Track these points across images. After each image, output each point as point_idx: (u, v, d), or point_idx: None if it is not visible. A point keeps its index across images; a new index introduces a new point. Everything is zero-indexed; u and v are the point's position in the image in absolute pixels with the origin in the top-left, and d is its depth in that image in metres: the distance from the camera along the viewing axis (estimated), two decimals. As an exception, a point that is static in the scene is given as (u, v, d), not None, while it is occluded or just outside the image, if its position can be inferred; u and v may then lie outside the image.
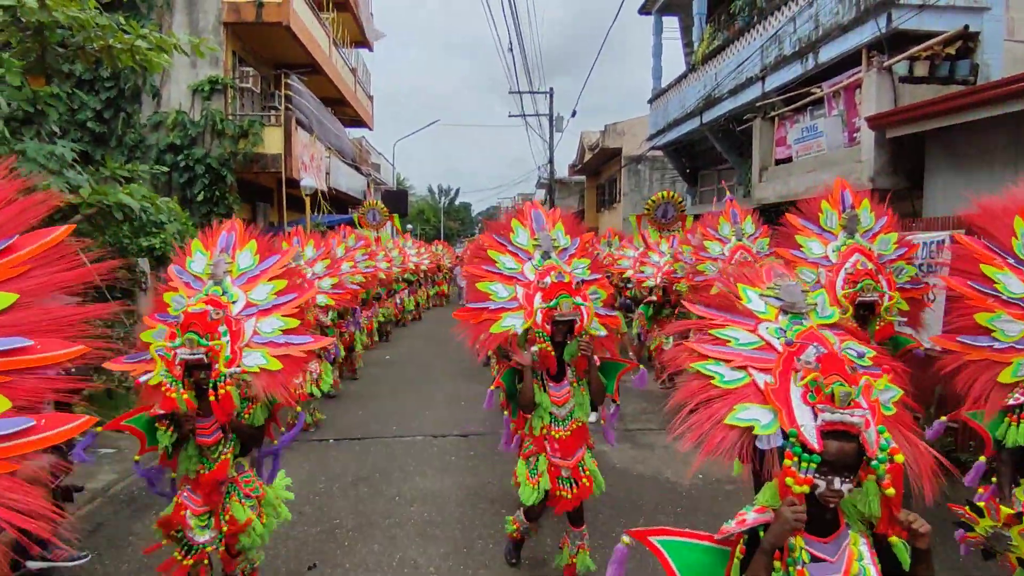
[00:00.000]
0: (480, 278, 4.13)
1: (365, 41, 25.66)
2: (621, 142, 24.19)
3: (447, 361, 11.66)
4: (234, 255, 3.65)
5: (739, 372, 2.11)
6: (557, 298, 3.74)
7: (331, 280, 7.30)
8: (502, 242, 4.21)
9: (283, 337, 3.37)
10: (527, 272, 4.08)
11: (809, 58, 9.18)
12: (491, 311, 3.99)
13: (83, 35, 7.74)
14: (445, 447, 6.88)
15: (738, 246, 6.77)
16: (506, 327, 3.92)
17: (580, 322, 3.82)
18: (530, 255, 4.15)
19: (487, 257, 4.19)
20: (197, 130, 14.26)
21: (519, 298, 4.00)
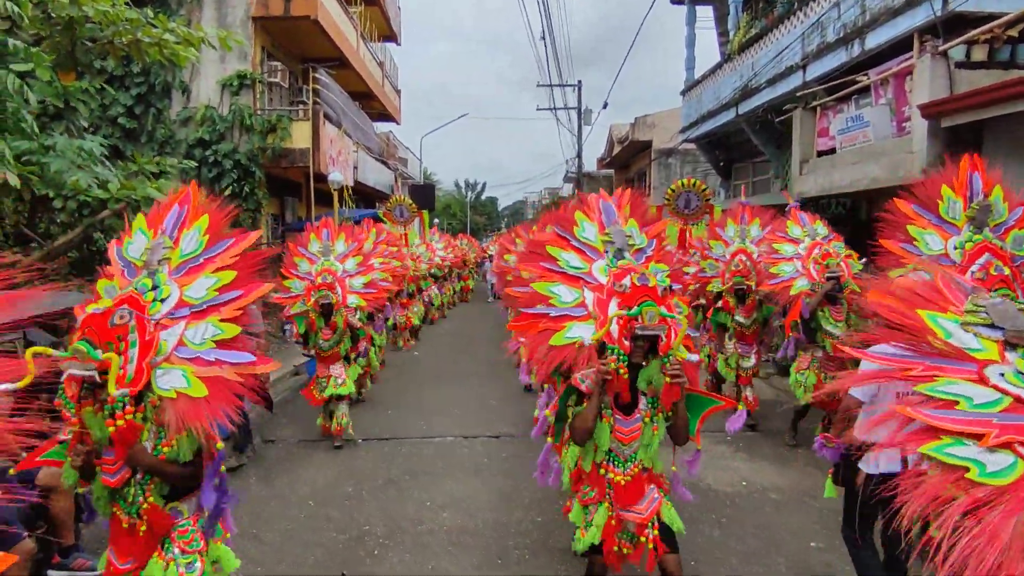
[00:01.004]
0: (537, 278, 3.49)
1: (393, 35, 25.56)
2: (651, 135, 23.78)
3: (475, 358, 11.48)
4: (178, 237, 2.95)
5: (1004, 455, 1.45)
6: (639, 306, 2.96)
7: (363, 279, 7.13)
8: (565, 236, 3.59)
9: (214, 352, 2.63)
10: (596, 273, 3.45)
11: (855, 45, 8.77)
12: (552, 319, 3.32)
13: (112, 30, 7.69)
14: (476, 448, 6.68)
15: (815, 244, 6.31)
16: (572, 339, 3.25)
17: (667, 340, 3.00)
18: (600, 253, 3.55)
19: (544, 253, 3.55)
20: (225, 125, 14.25)
21: (588, 304, 3.35)
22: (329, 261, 6.91)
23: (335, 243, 7.13)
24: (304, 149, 14.61)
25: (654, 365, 3.03)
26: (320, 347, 6.62)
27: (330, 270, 6.79)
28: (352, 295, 6.87)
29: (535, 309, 3.39)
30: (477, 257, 26.97)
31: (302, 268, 6.87)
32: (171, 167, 8.90)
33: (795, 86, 10.51)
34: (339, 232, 7.25)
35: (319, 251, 7.00)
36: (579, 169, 29.87)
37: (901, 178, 7.58)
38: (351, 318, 6.72)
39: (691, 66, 16.43)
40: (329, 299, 6.49)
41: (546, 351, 3.24)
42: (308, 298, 6.57)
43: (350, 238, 7.29)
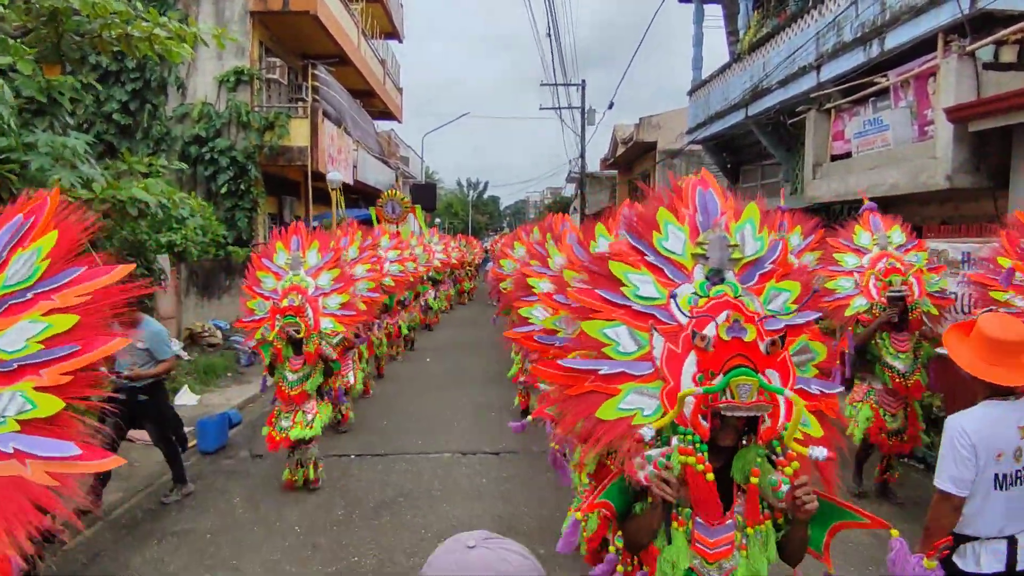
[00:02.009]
0: (589, 313, 2.31)
1: (395, 32, 25.24)
2: (656, 135, 23.44)
3: (474, 365, 11.16)
4: (7, 259, 3.33)
5: None
6: (726, 376, 1.95)
7: (340, 297, 5.81)
8: (639, 247, 2.37)
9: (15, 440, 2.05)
10: (677, 306, 2.25)
11: (873, 44, 8.41)
12: (603, 377, 2.20)
13: (99, 22, 7.36)
14: (475, 466, 6.35)
15: (882, 254, 5.22)
16: (628, 410, 2.16)
17: (772, 421, 2.05)
18: (687, 273, 2.32)
19: (607, 274, 2.33)
20: (222, 122, 13.95)
21: (656, 357, 2.20)
22: (298, 276, 5.63)
23: (306, 254, 5.82)
24: (303, 147, 14.29)
25: (751, 451, 2.07)
26: (286, 382, 5.46)
27: (299, 287, 5.52)
28: (326, 318, 5.64)
29: (581, 363, 2.23)
30: (476, 258, 26.40)
31: (267, 285, 5.65)
32: (163, 167, 8.57)
33: (808, 87, 10.14)
34: (311, 240, 5.93)
35: (287, 264, 5.71)
36: (582, 169, 29.57)
37: (923, 185, 7.25)
38: (325, 348, 5.54)
39: (698, 66, 16.05)
40: (297, 328, 5.30)
41: (592, 425, 2.16)
42: (272, 324, 5.39)
43: (325, 247, 5.93)
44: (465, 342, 13.83)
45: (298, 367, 5.46)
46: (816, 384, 2.31)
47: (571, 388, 2.23)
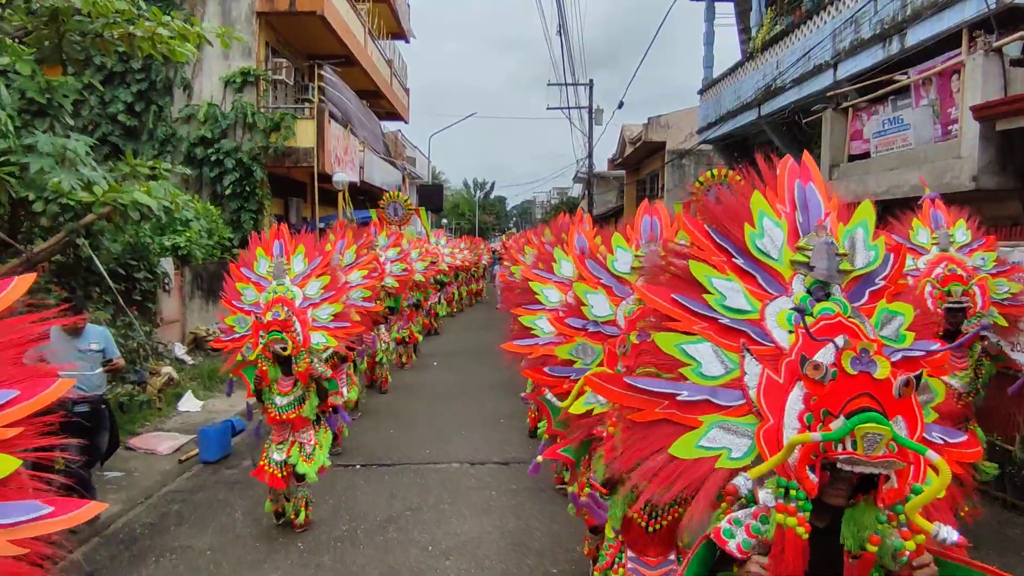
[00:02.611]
0: (661, 322, 1.94)
1: (402, 32, 25.08)
2: (665, 135, 23.17)
3: (482, 370, 10.95)
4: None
5: None
6: (850, 419, 1.57)
7: (332, 307, 5.04)
8: (724, 245, 1.95)
9: None
10: (772, 323, 1.86)
11: (894, 41, 8.17)
12: (681, 404, 1.82)
13: (101, 22, 7.21)
14: (484, 478, 6.15)
15: (941, 257, 4.46)
16: (708, 451, 1.77)
17: (899, 480, 1.63)
18: (784, 283, 1.91)
19: (686, 277, 1.94)
20: (228, 123, 13.80)
21: (749, 384, 1.80)
22: (283, 286, 4.85)
23: (291, 260, 5.06)
24: (309, 148, 14.14)
25: (868, 512, 1.67)
26: (276, 407, 4.74)
27: (284, 299, 4.75)
28: (317, 332, 4.87)
29: (654, 384, 1.84)
30: (480, 258, 25.75)
31: (247, 298, 4.94)
32: (166, 170, 8.42)
33: (824, 86, 9.91)
34: (296, 244, 5.15)
35: (269, 272, 4.96)
36: (590, 169, 29.36)
37: (947, 186, 7.00)
38: (316, 365, 4.82)
39: (709, 64, 15.82)
40: (284, 345, 4.56)
41: (662, 463, 1.76)
42: (255, 342, 4.67)
43: (311, 252, 5.15)
44: (472, 347, 13.63)
45: (288, 388, 4.74)
46: (938, 431, 1.87)
47: (638, 414, 1.82)
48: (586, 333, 3.18)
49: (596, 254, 3.46)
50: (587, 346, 3.17)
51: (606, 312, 3.16)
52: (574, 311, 3.27)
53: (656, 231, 3.32)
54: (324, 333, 4.89)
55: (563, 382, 3.19)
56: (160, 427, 7.29)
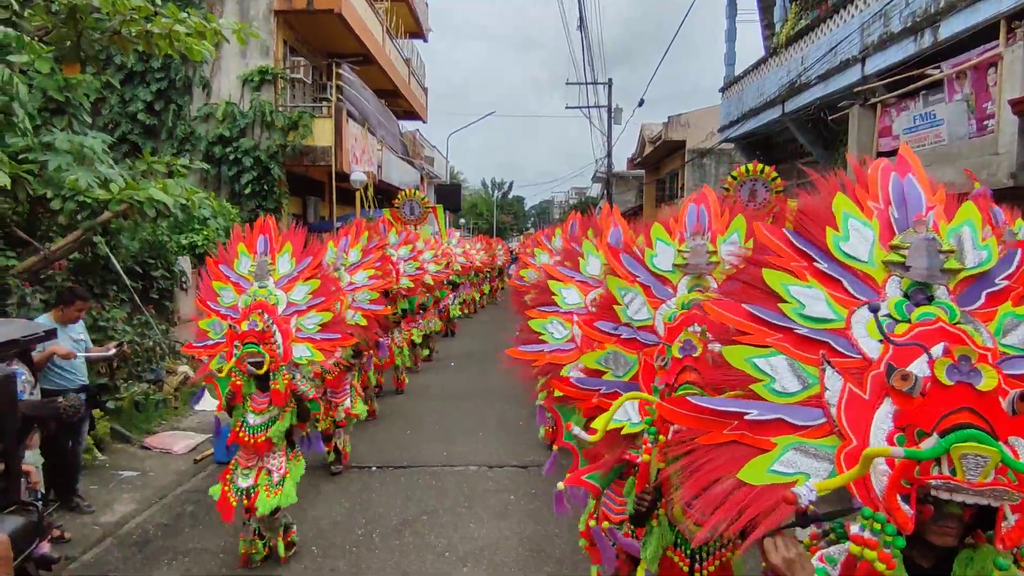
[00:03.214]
0: (732, 336, 1.78)
1: (420, 31, 25.04)
2: (685, 134, 22.94)
3: (499, 373, 10.78)
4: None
5: None
6: (947, 433, 1.35)
7: (319, 316, 4.39)
8: (807, 251, 1.79)
9: None
10: (859, 332, 1.66)
11: (926, 34, 7.92)
12: (751, 424, 1.64)
13: (119, 19, 7.18)
14: (502, 481, 6.02)
15: None
16: (783, 477, 1.57)
17: (1020, 518, 1.37)
18: (876, 287, 1.72)
19: (754, 282, 1.80)
20: (246, 122, 13.81)
21: (830, 400, 1.60)
22: (265, 290, 4.31)
23: (276, 259, 4.45)
24: (326, 147, 14.11)
25: (985, 555, 1.44)
26: (247, 426, 4.14)
27: (265, 305, 4.18)
28: (301, 344, 4.25)
29: (721, 403, 1.69)
30: (496, 259, 24.78)
31: (224, 300, 4.37)
32: (184, 167, 8.40)
33: (851, 81, 9.66)
34: (283, 241, 4.53)
35: (251, 272, 4.39)
36: (608, 169, 29.13)
37: (984, 183, 6.75)
38: (299, 383, 4.24)
39: (731, 62, 15.59)
40: (259, 361, 3.97)
41: (730, 489, 1.57)
42: (229, 352, 4.11)
43: (300, 251, 4.52)
44: (488, 349, 13.46)
45: (263, 407, 4.12)
46: None
47: (704, 435, 1.65)
48: (618, 340, 2.73)
49: (632, 248, 2.96)
50: (619, 355, 2.72)
51: (643, 316, 2.74)
52: (605, 312, 2.85)
53: (704, 222, 2.83)
54: (309, 345, 4.27)
55: (591, 395, 2.73)
56: (176, 426, 7.25)
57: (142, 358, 7.37)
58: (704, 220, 2.85)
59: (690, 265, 2.75)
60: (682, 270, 2.76)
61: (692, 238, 2.79)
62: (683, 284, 2.75)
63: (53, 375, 4.87)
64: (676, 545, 2.41)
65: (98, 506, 5.16)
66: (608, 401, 2.60)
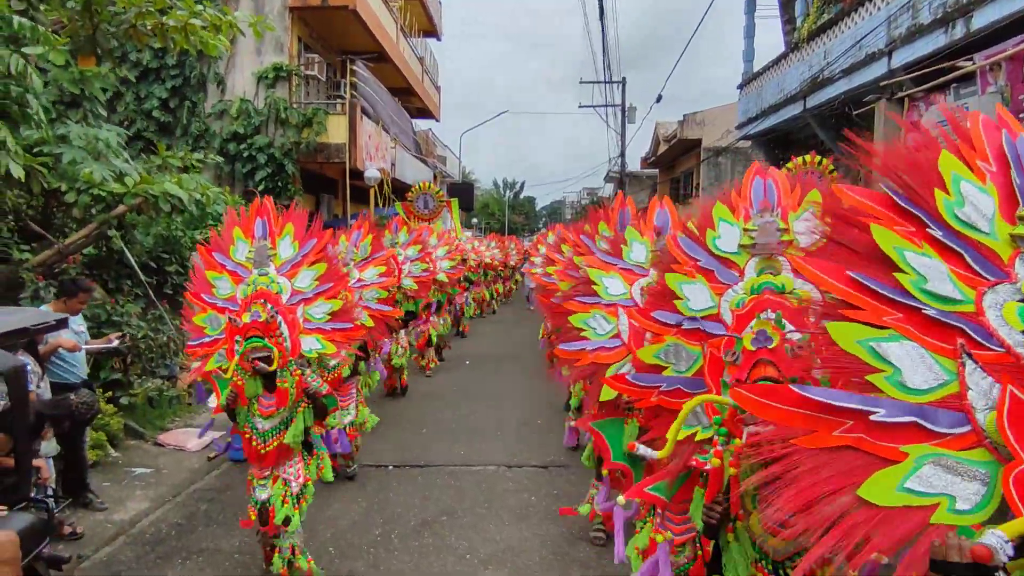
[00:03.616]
0: (841, 313, 1.50)
1: (433, 30, 24.96)
2: (701, 133, 22.71)
3: (516, 371, 10.68)
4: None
5: None
6: None
7: (329, 304, 3.99)
8: (917, 214, 1.50)
9: None
10: (996, 322, 1.38)
11: (958, 25, 7.69)
12: (875, 427, 1.37)
13: (134, 12, 7.11)
14: (522, 481, 5.87)
15: None
16: (920, 498, 1.29)
17: None
18: (1002, 266, 1.45)
19: (863, 252, 1.52)
20: (260, 119, 13.76)
21: (974, 407, 1.34)
22: (266, 277, 3.88)
23: (277, 243, 4.01)
24: (340, 144, 14.04)
25: None
26: (256, 432, 3.72)
27: (268, 294, 3.78)
28: (310, 335, 3.85)
29: (835, 397, 1.39)
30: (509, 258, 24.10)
31: (221, 291, 3.94)
32: (198, 161, 8.32)
33: (877, 75, 9.43)
34: (284, 224, 4.06)
35: (248, 259, 3.96)
36: (622, 168, 28.92)
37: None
38: (310, 379, 3.78)
39: (750, 58, 15.35)
40: (268, 356, 3.61)
41: (847, 510, 1.30)
42: (230, 349, 3.70)
43: (303, 233, 4.05)
44: (503, 348, 13.36)
45: (272, 409, 3.69)
46: None
47: (811, 438, 1.35)
48: (679, 331, 2.47)
49: (688, 229, 2.64)
50: (681, 347, 2.46)
51: (706, 304, 2.44)
52: (662, 301, 2.56)
53: (772, 197, 2.52)
54: (319, 337, 3.85)
55: (650, 393, 2.47)
56: (190, 423, 7.15)
57: (156, 353, 7.28)
58: (773, 195, 2.52)
59: (758, 245, 2.41)
60: (749, 251, 2.44)
61: (760, 215, 2.47)
62: (751, 266, 2.44)
63: (56, 368, 4.78)
64: (756, 560, 2.11)
65: (111, 503, 5.06)
66: (670, 400, 2.37)
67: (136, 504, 5.15)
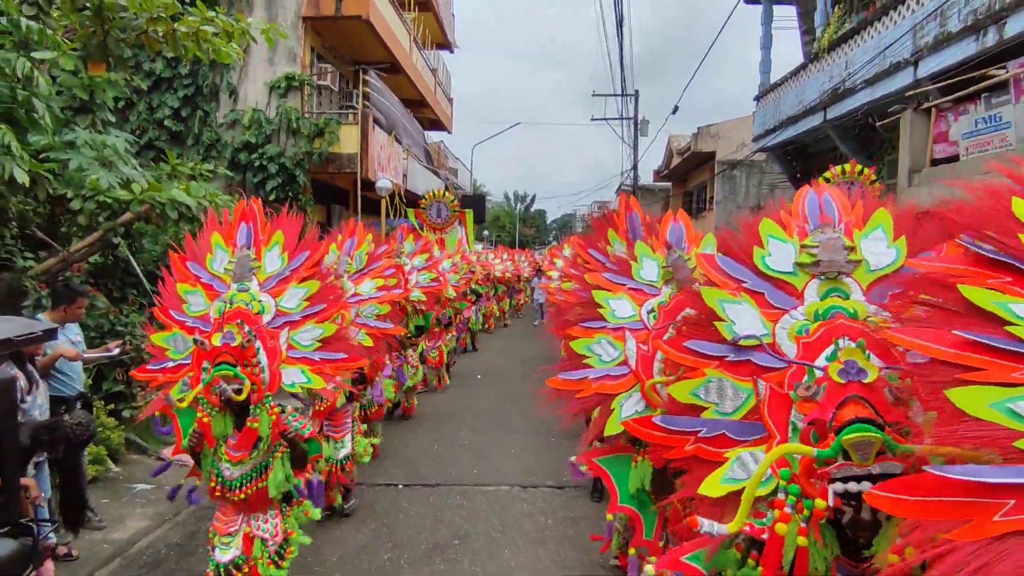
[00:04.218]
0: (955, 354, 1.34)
1: (446, 43, 24.96)
2: (715, 146, 22.51)
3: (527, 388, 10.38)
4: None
5: None
6: None
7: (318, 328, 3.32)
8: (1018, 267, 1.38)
9: None
10: None
11: (989, 32, 7.46)
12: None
13: (145, 17, 7.00)
14: (537, 503, 5.61)
15: None
16: None
17: None
18: None
19: (962, 310, 1.40)
20: (272, 128, 13.67)
21: None
22: (246, 294, 3.28)
23: (262, 253, 3.43)
24: (352, 154, 13.92)
25: None
26: (221, 479, 3.10)
27: (245, 313, 3.19)
28: (294, 366, 3.19)
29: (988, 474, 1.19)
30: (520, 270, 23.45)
31: (192, 307, 3.34)
32: (208, 171, 8.18)
33: (902, 85, 9.19)
34: (273, 231, 3.48)
35: (227, 271, 3.38)
36: (635, 181, 28.76)
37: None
38: (290, 421, 3.09)
39: (767, 69, 15.16)
40: (239, 387, 2.94)
41: None
42: (196, 377, 3.08)
43: (294, 244, 3.46)
44: (515, 364, 13.10)
45: (243, 453, 3.04)
46: None
47: (968, 529, 1.14)
48: (722, 363, 2.07)
49: (732, 248, 2.28)
50: (726, 384, 2.05)
51: (757, 329, 2.07)
52: (699, 328, 2.16)
53: (833, 213, 2.24)
54: (304, 368, 3.18)
55: (685, 440, 2.06)
56: (194, 437, 6.94)
57: (161, 365, 7.08)
58: (832, 210, 2.25)
59: (822, 263, 2.11)
60: (810, 270, 2.13)
61: (821, 230, 2.18)
62: (812, 289, 2.11)
63: (53, 381, 4.55)
64: None
65: (110, 521, 4.86)
66: (711, 449, 1.99)
67: (135, 523, 4.94)
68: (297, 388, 3.18)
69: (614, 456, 3.10)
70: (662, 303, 3.12)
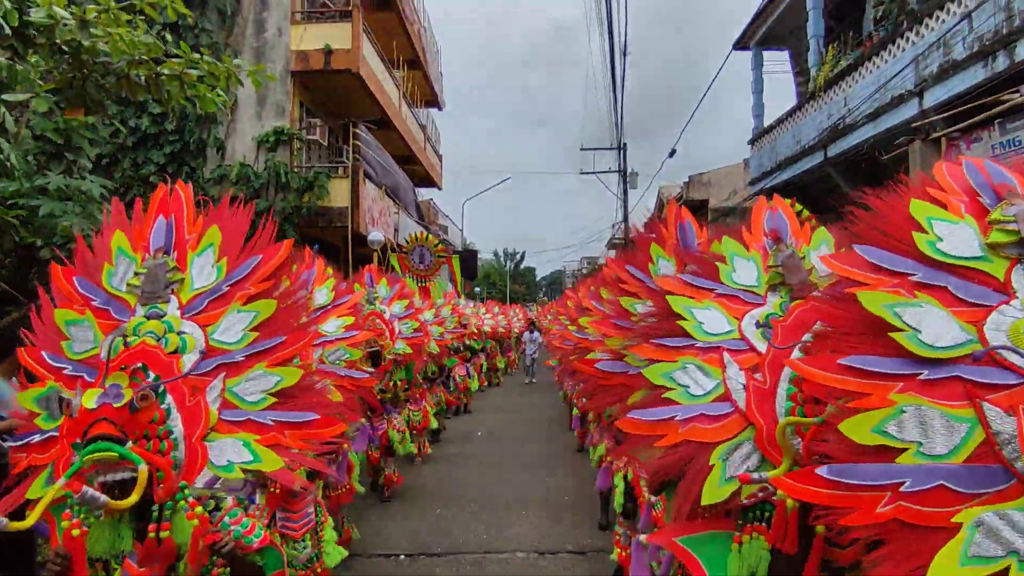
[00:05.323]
0: None
1: (435, 100, 25.13)
2: (707, 193, 22.44)
3: (533, 446, 9.78)
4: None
5: None
6: None
7: (275, 378, 2.13)
8: None
9: None
10: None
11: (998, 57, 7.27)
12: None
13: (126, 59, 6.68)
14: (557, 572, 4.96)
15: None
16: None
17: None
18: None
19: None
20: (260, 182, 13.34)
21: None
22: (158, 322, 2.16)
23: (188, 264, 2.32)
24: (343, 208, 13.61)
25: None
26: None
27: (151, 352, 2.05)
28: (231, 436, 2.03)
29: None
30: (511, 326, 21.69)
31: (76, 346, 2.19)
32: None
33: (907, 117, 9.00)
34: (205, 227, 2.44)
35: (133, 288, 2.25)
36: (626, 233, 28.61)
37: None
38: (224, 519, 1.99)
39: (759, 113, 15.18)
40: (126, 477, 1.79)
41: None
42: (63, 462, 1.94)
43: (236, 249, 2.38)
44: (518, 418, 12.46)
45: None
46: None
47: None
48: (912, 384, 1.51)
49: (878, 236, 1.71)
50: (929, 413, 1.47)
51: (956, 335, 1.54)
52: (856, 341, 1.60)
53: (1013, 182, 1.74)
54: (249, 439, 2.02)
55: (875, 500, 1.45)
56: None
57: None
58: (1007, 178, 1.75)
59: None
60: (1011, 252, 1.62)
61: (1011, 202, 1.65)
62: (1021, 276, 1.60)
63: None
64: None
65: None
66: (923, 509, 1.40)
67: None
68: (237, 472, 1.98)
69: (707, 535, 2.08)
70: (773, 315, 2.32)
